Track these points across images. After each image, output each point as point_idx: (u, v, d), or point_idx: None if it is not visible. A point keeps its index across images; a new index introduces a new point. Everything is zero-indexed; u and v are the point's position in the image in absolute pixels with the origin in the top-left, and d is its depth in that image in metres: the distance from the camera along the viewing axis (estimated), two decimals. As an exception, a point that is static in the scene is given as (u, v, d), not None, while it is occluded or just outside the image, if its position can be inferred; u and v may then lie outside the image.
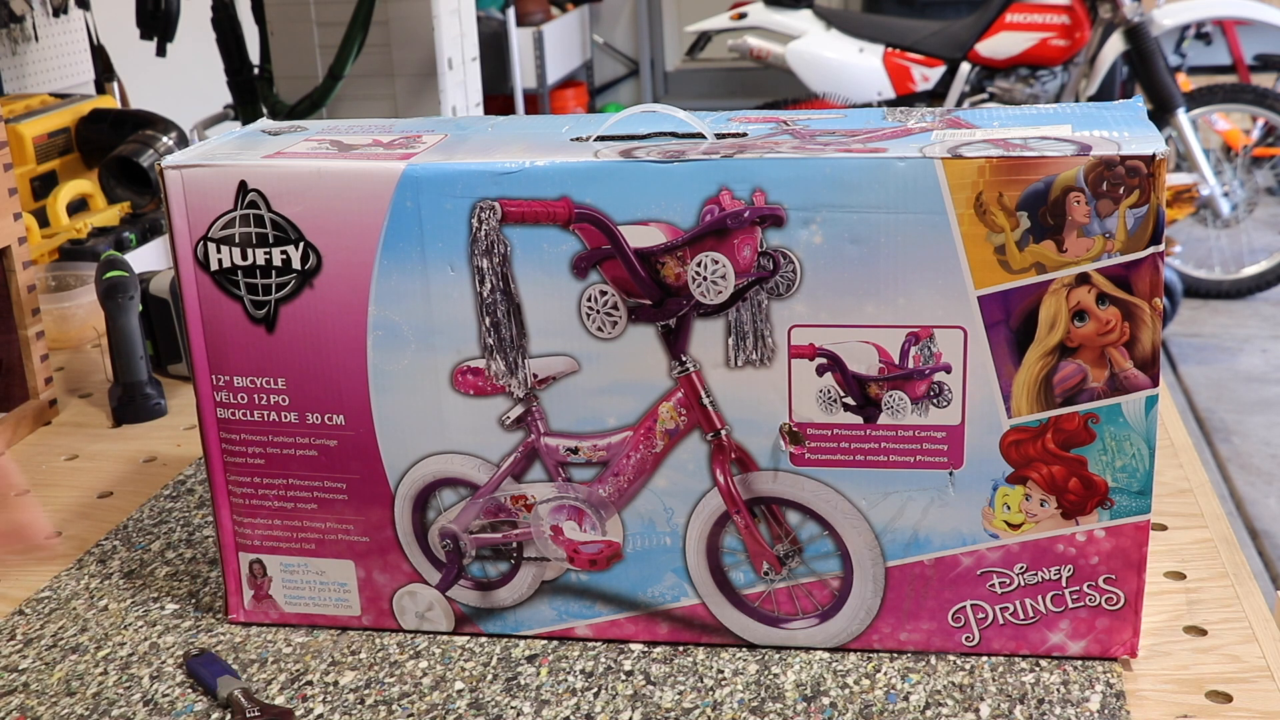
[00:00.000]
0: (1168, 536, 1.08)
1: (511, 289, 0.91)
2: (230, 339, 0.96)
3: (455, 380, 0.94)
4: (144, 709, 0.93)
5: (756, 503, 0.93)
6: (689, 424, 0.92)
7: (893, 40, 4.16)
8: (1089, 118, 0.92)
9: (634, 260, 0.89)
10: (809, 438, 0.91)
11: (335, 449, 0.97)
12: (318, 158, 0.93)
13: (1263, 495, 2.97)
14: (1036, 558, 0.91)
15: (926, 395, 0.89)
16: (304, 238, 0.93)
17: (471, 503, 0.97)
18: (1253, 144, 4.07)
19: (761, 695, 0.91)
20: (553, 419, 0.94)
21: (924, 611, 0.94)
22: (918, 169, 0.84)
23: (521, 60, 5.19)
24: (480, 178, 0.89)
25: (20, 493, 0.86)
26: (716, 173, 0.87)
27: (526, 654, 0.98)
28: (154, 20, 2.64)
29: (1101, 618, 0.92)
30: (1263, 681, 0.89)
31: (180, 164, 0.93)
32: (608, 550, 0.96)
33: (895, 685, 0.92)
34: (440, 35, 2.66)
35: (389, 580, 1.00)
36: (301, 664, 0.98)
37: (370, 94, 2.72)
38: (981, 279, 0.86)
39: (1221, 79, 4.61)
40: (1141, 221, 0.84)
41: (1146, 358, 0.86)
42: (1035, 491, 0.90)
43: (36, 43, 2.64)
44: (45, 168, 2.18)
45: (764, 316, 0.89)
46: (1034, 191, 0.84)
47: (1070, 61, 4.04)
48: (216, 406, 0.98)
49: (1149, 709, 0.87)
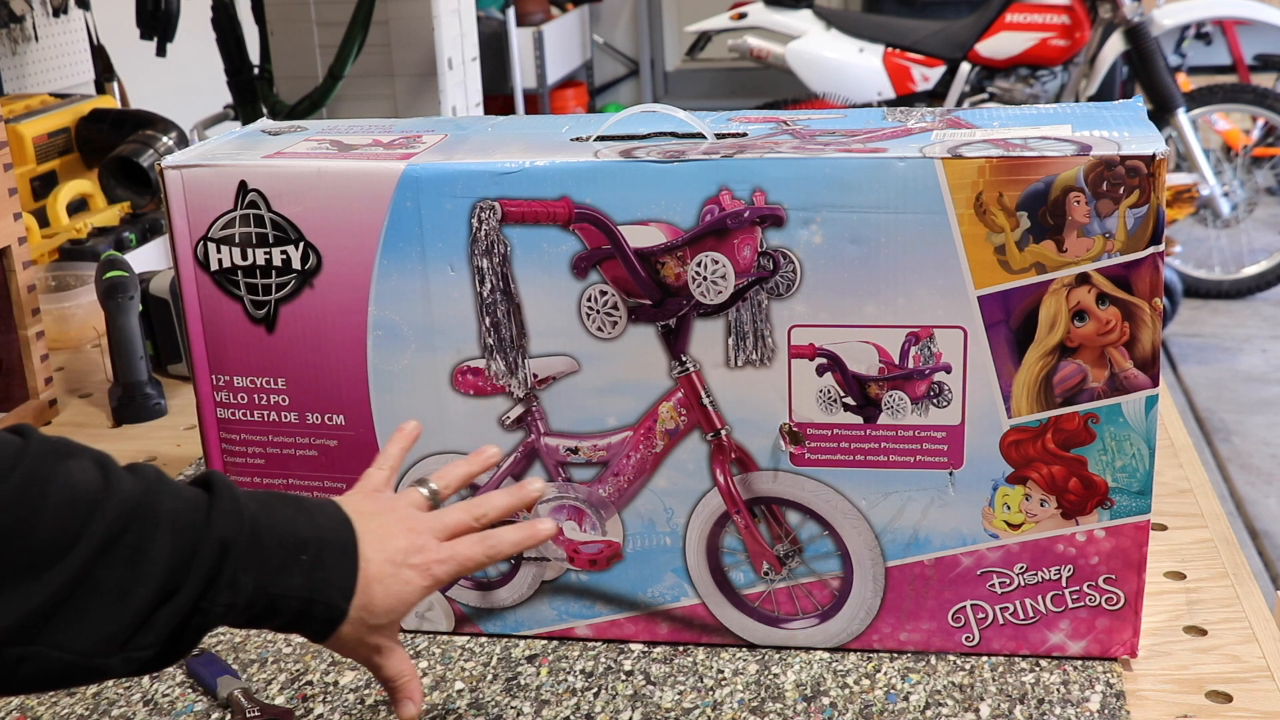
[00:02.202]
0: (1168, 536, 1.08)
1: (511, 289, 0.91)
2: (230, 339, 0.96)
3: (455, 380, 0.94)
4: (144, 709, 0.93)
5: (756, 503, 0.93)
6: (689, 424, 0.92)
7: (893, 40, 4.16)
8: (1089, 118, 0.92)
9: (634, 260, 0.89)
10: (809, 438, 0.91)
11: (335, 449, 0.97)
12: (318, 158, 0.93)
13: (1263, 495, 2.96)
14: (1036, 558, 0.91)
15: (926, 395, 0.89)
16: (304, 238, 0.93)
17: (471, 503, 0.97)
18: (1253, 144, 4.07)
19: (761, 695, 0.91)
20: (553, 419, 0.94)
21: (924, 611, 0.94)
22: (918, 169, 0.84)
23: (521, 60, 5.19)
24: (480, 178, 0.89)
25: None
26: (716, 173, 0.87)
27: (526, 654, 0.98)
28: (154, 20, 2.64)
29: (1101, 618, 0.92)
30: (1263, 681, 0.89)
31: (180, 164, 0.93)
32: (608, 550, 0.96)
33: (895, 685, 0.91)
34: (440, 35, 2.66)
35: (389, 580, 1.00)
36: (301, 664, 0.98)
37: (370, 94, 2.72)
38: (981, 279, 0.86)
39: (1221, 79, 4.61)
40: (1141, 221, 0.83)
41: (1146, 358, 0.86)
42: (1035, 491, 0.90)
43: (36, 43, 2.64)
44: (45, 168, 2.18)
45: (764, 316, 0.89)
46: (1034, 191, 0.84)
47: (1070, 61, 4.04)
48: (216, 406, 0.98)
49: (1149, 709, 0.87)
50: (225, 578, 0.69)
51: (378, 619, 0.75)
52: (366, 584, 0.74)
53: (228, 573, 0.69)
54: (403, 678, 0.78)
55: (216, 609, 0.69)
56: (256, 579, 0.71)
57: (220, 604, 0.69)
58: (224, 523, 0.70)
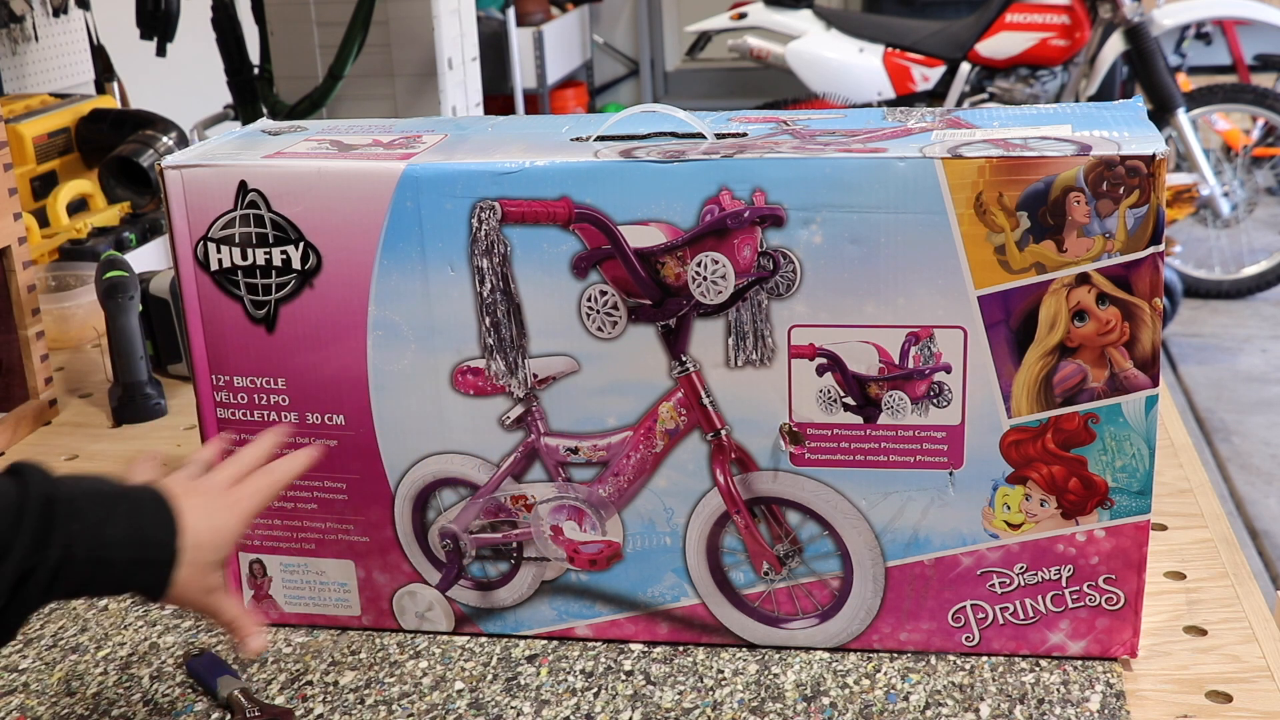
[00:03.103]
0: (1168, 536, 1.08)
1: (511, 289, 0.91)
2: (230, 339, 0.96)
3: (455, 380, 0.94)
4: (144, 709, 0.93)
5: (756, 503, 0.93)
6: (689, 424, 0.92)
7: (893, 40, 4.15)
8: (1089, 118, 0.92)
9: (634, 260, 0.89)
10: (809, 438, 0.91)
11: (335, 449, 0.97)
12: (318, 158, 0.92)
13: (1263, 495, 2.96)
14: (1036, 558, 0.91)
15: (926, 395, 0.89)
16: (304, 238, 0.93)
17: (471, 503, 0.97)
18: (1253, 144, 4.07)
19: (761, 695, 0.91)
20: (553, 419, 0.94)
21: (924, 611, 0.94)
22: (918, 169, 0.84)
23: (521, 60, 5.18)
24: (480, 178, 0.89)
25: None
26: (716, 173, 0.87)
27: (526, 654, 0.98)
28: (154, 20, 2.64)
29: (1101, 618, 0.92)
30: (1263, 681, 0.89)
31: (180, 164, 0.93)
32: (608, 550, 0.96)
33: (895, 685, 0.91)
34: (440, 35, 2.66)
35: (389, 580, 1.00)
36: (301, 664, 0.98)
37: (370, 94, 2.72)
38: (981, 279, 0.86)
39: (1221, 79, 4.60)
40: (1141, 221, 0.83)
41: (1146, 358, 0.86)
42: (1035, 491, 0.90)
43: (36, 43, 2.63)
44: (45, 168, 2.18)
45: (764, 316, 0.89)
46: (1034, 191, 0.84)
47: (1070, 61, 4.04)
48: (216, 406, 0.98)
49: (1149, 709, 0.87)
50: (58, 531, 0.72)
51: (208, 555, 0.78)
52: (188, 522, 0.77)
53: (60, 525, 0.72)
54: (242, 615, 0.82)
55: (49, 563, 0.71)
56: (83, 531, 0.73)
57: (53, 559, 0.71)
58: (41, 484, 0.73)
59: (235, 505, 0.82)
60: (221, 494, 0.83)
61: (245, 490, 0.84)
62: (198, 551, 0.78)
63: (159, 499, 0.78)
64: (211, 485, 0.83)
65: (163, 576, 0.76)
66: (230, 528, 0.81)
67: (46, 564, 0.71)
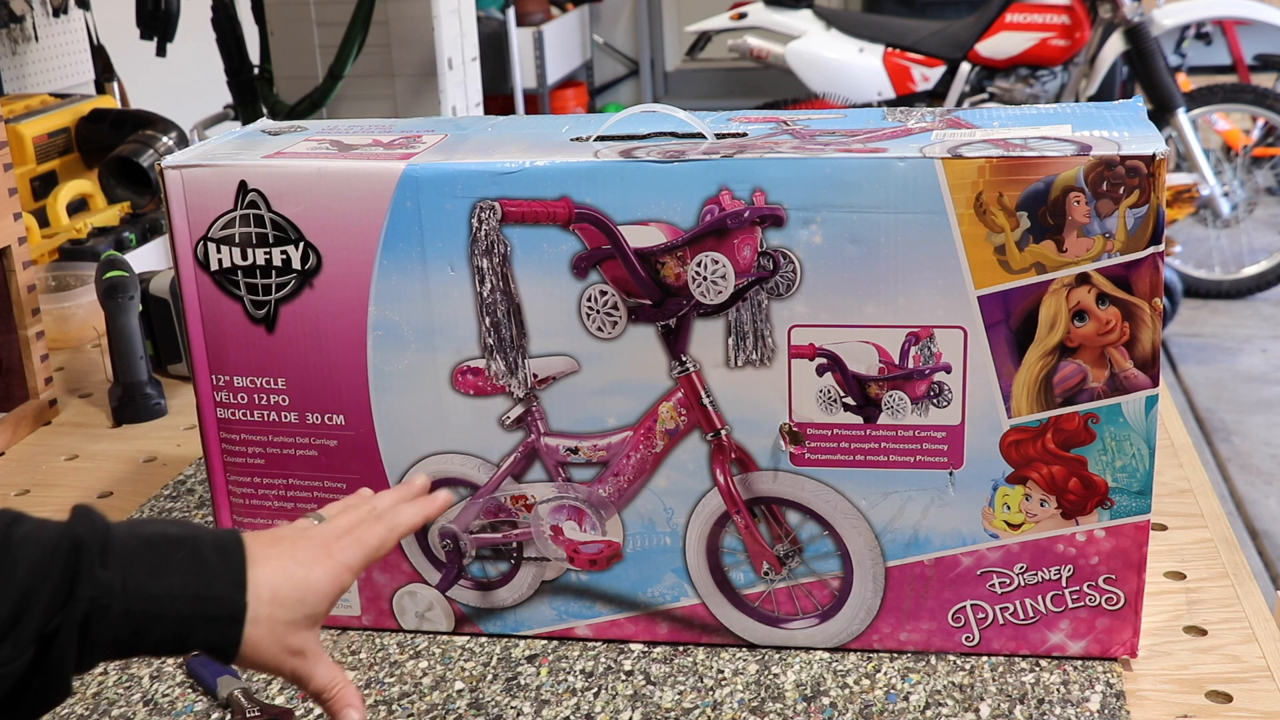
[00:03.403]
0: (1168, 536, 1.08)
1: (511, 289, 0.91)
2: (230, 339, 0.96)
3: (455, 380, 0.94)
4: (144, 709, 0.93)
5: (756, 503, 0.93)
6: (689, 424, 0.92)
7: (893, 40, 4.15)
8: (1089, 118, 0.92)
9: (634, 260, 0.89)
10: (809, 438, 0.91)
11: (335, 449, 0.97)
12: (318, 158, 0.92)
13: (1263, 495, 2.96)
14: (1036, 558, 0.91)
15: (926, 395, 0.89)
16: (304, 238, 0.93)
17: (472, 503, 0.97)
18: (1253, 144, 4.07)
19: (761, 695, 0.91)
20: (553, 419, 0.94)
21: (924, 611, 0.94)
22: (918, 169, 0.84)
23: (521, 60, 5.18)
24: (480, 178, 0.89)
25: None
26: (716, 173, 0.87)
27: (526, 654, 0.98)
28: (154, 20, 2.64)
29: (1101, 618, 0.92)
30: (1263, 681, 0.89)
31: (180, 164, 0.93)
32: (608, 550, 0.96)
33: (895, 685, 0.91)
34: (440, 35, 2.66)
35: (389, 580, 1.00)
36: (301, 664, 0.97)
37: (370, 94, 2.72)
38: (981, 279, 0.86)
39: (1221, 79, 4.60)
40: (1141, 221, 0.83)
41: (1146, 358, 0.86)
42: (1035, 491, 0.90)
43: (36, 43, 2.63)
44: (45, 168, 2.18)
45: (764, 316, 0.89)
46: (1034, 191, 0.84)
47: (1070, 61, 4.04)
48: (216, 406, 0.98)
49: (1149, 709, 0.87)
50: (85, 576, 0.64)
51: (290, 611, 0.70)
52: (261, 574, 0.69)
53: (85, 569, 0.64)
54: (336, 685, 0.73)
55: (75, 617, 0.64)
56: (124, 578, 0.66)
57: (79, 612, 0.64)
58: (75, 524, 0.67)
59: (332, 556, 0.73)
60: (322, 543, 0.74)
61: (351, 539, 0.75)
62: (276, 608, 0.69)
63: (227, 548, 0.69)
64: (317, 533, 0.75)
65: (230, 635, 0.68)
66: (322, 583, 0.72)
67: (73, 618, 0.64)
